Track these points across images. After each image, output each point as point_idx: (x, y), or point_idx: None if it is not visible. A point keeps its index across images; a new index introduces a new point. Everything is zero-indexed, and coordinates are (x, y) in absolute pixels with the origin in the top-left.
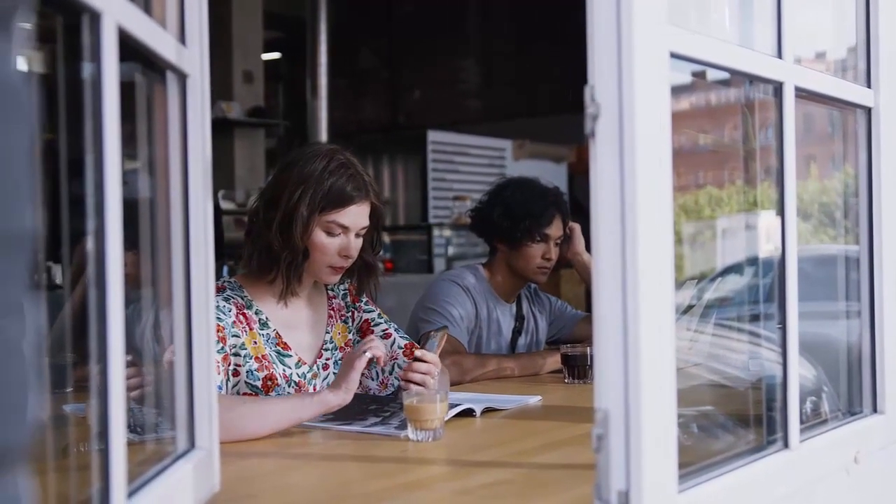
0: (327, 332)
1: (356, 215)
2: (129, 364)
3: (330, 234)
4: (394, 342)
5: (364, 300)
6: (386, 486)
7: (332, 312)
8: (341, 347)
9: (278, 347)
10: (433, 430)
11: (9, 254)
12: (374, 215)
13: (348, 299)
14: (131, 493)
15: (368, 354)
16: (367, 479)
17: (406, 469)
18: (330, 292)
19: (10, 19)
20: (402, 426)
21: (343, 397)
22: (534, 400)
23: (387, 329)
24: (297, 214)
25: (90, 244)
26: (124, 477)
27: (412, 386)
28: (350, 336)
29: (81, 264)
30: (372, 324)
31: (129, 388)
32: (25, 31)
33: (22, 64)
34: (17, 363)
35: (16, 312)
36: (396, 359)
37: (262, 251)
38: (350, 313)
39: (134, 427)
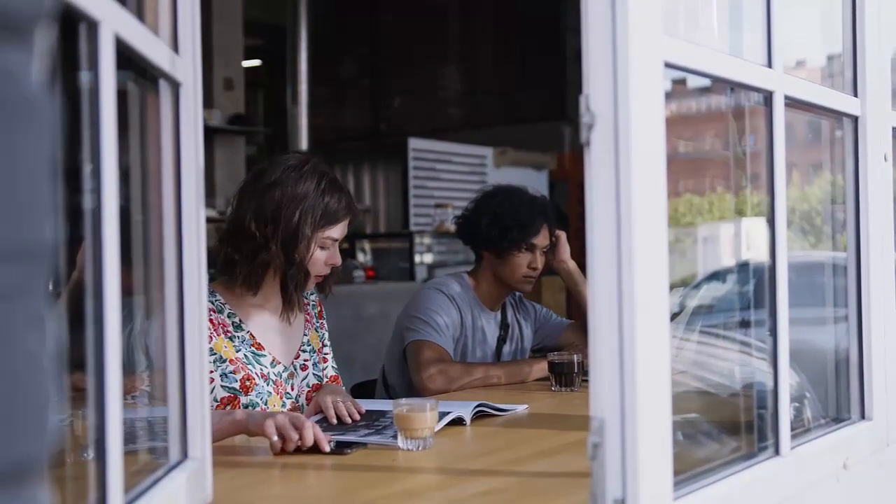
0: (305, 335)
1: (344, 227)
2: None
3: (322, 248)
4: (325, 368)
5: (324, 318)
6: (379, 495)
7: (307, 317)
8: (318, 351)
9: (252, 348)
10: (423, 438)
11: (30, 266)
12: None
13: (316, 311)
14: None
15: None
16: (359, 488)
17: (398, 478)
18: (303, 298)
19: (30, 32)
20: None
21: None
22: (521, 408)
23: (328, 354)
24: (301, 235)
25: (87, 254)
26: (121, 488)
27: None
28: (321, 344)
29: (68, 271)
30: (325, 340)
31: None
32: (45, 44)
33: (42, 75)
34: (38, 376)
35: (37, 325)
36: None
37: (259, 268)
38: (318, 324)
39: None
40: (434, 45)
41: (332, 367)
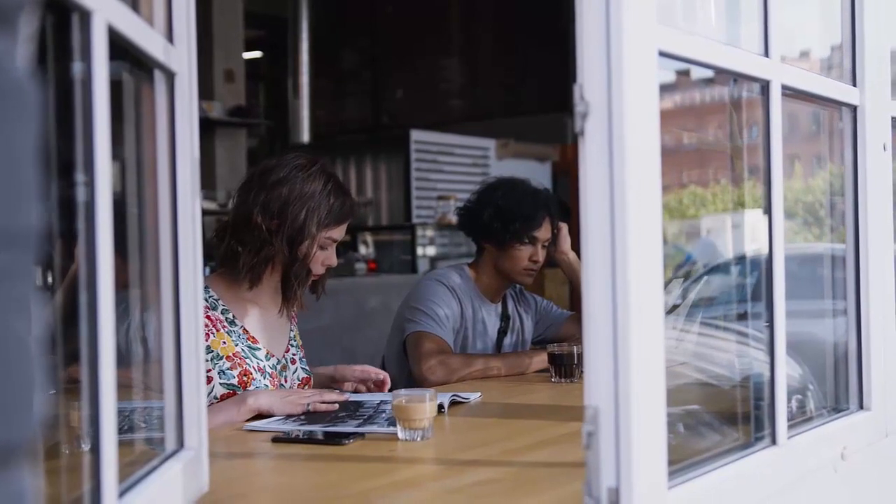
0: (291, 330)
1: (344, 229)
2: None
3: (322, 248)
4: (296, 371)
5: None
6: (376, 485)
7: (293, 314)
8: (301, 347)
9: (248, 342)
10: (422, 429)
11: (16, 250)
12: None
13: (295, 308)
14: (122, 494)
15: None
16: (356, 478)
17: (395, 468)
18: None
19: (14, 18)
20: (392, 423)
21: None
22: (475, 396)
23: (297, 354)
24: (307, 233)
25: (81, 246)
26: (115, 477)
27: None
28: (300, 341)
29: (65, 264)
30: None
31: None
32: (30, 29)
33: (26, 61)
34: (24, 360)
35: (23, 309)
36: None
37: (262, 262)
38: (296, 322)
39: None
40: (435, 37)
41: (303, 368)
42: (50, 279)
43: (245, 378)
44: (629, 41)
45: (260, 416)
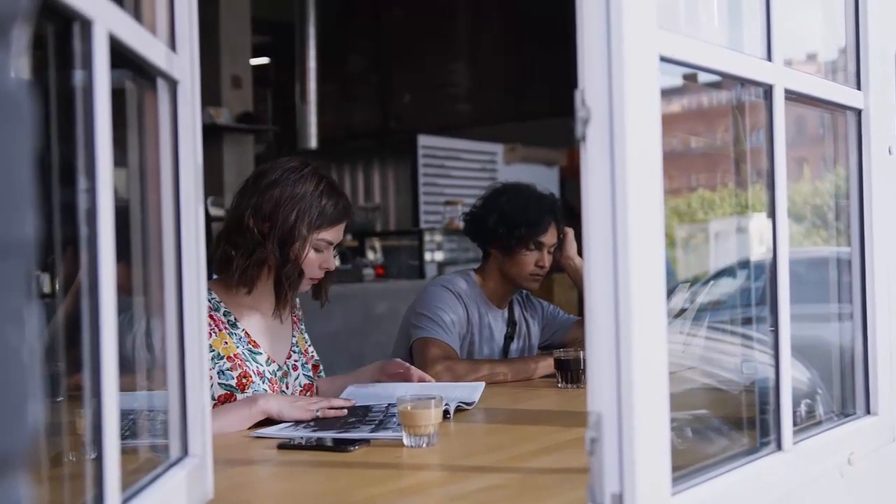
0: (293, 336)
1: (339, 232)
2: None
3: (317, 250)
4: (297, 377)
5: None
6: (381, 491)
7: (295, 320)
8: (304, 353)
9: (249, 346)
10: (427, 435)
11: (10, 260)
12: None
13: (300, 314)
14: (125, 501)
15: (319, 414)
16: (361, 485)
17: (401, 475)
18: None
19: (9, 28)
20: (400, 428)
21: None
22: (478, 391)
23: (300, 360)
24: (297, 234)
25: (83, 253)
26: (118, 484)
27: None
28: (306, 345)
29: (71, 272)
30: (309, 343)
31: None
32: (24, 40)
33: (21, 72)
34: (17, 370)
35: (16, 319)
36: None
37: (255, 265)
38: (302, 328)
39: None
40: (443, 41)
41: (305, 375)
42: (56, 287)
43: (244, 380)
44: (630, 46)
45: (268, 420)
